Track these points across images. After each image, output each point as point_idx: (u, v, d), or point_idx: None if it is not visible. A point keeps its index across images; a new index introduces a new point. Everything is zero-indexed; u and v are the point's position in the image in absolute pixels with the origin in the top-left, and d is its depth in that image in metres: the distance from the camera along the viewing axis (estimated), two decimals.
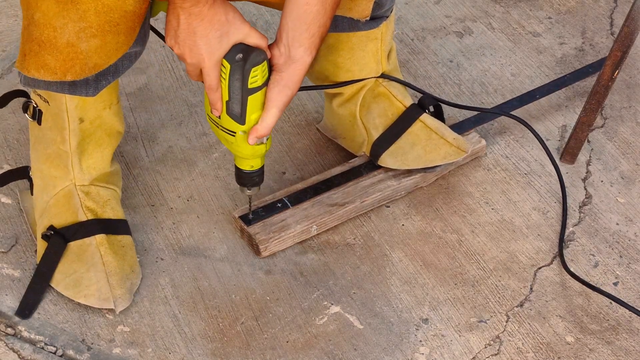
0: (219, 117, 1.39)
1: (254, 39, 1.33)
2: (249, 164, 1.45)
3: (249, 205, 1.55)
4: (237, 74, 1.33)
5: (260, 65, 1.33)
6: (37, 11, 1.30)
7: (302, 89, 1.61)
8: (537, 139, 1.65)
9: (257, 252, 1.54)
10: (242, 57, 1.32)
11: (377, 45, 1.59)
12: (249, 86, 1.34)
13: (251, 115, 1.37)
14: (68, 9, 1.28)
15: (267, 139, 1.42)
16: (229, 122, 1.38)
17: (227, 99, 1.35)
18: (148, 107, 1.79)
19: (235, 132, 1.39)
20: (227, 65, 1.32)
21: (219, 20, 1.29)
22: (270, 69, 1.36)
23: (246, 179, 1.47)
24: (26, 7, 1.33)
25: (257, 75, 1.33)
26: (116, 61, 1.38)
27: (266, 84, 1.36)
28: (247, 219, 1.56)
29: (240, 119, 1.37)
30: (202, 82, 1.36)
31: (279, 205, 1.58)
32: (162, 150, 1.71)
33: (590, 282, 1.53)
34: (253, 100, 1.35)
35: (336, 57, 1.60)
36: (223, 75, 1.34)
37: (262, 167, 1.47)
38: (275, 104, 1.37)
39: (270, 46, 1.37)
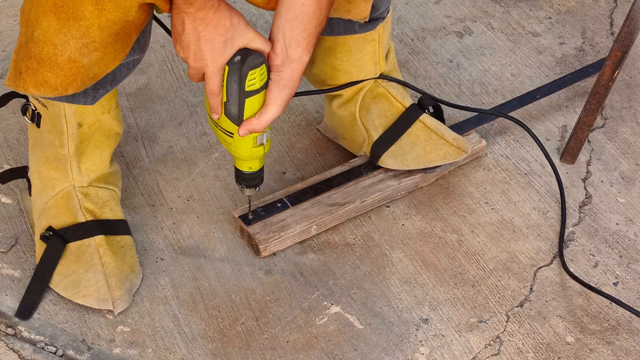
0: (218, 117, 1.39)
1: (257, 43, 1.32)
2: (247, 165, 1.45)
3: (249, 205, 1.55)
4: (234, 76, 1.32)
5: (258, 69, 1.32)
6: (37, 28, 1.28)
7: (302, 93, 1.61)
8: (535, 140, 1.65)
9: (256, 251, 1.55)
10: (240, 59, 1.31)
11: (375, 46, 1.59)
12: (246, 89, 1.33)
13: (249, 117, 1.37)
14: (70, 25, 1.26)
15: (266, 140, 1.42)
16: (227, 123, 1.38)
17: (225, 100, 1.35)
18: (148, 107, 1.79)
19: (233, 133, 1.39)
20: (225, 67, 1.32)
21: (224, 25, 1.28)
22: (269, 70, 1.36)
23: (245, 180, 1.47)
24: (25, 25, 1.31)
25: (254, 79, 1.33)
26: (114, 70, 1.37)
27: (265, 87, 1.35)
28: (247, 219, 1.56)
29: (238, 120, 1.37)
30: (203, 81, 1.37)
31: (279, 205, 1.58)
32: (162, 150, 1.71)
33: (591, 282, 1.53)
34: (250, 103, 1.35)
35: (334, 60, 1.60)
36: (222, 77, 1.34)
37: (261, 169, 1.47)
38: (274, 102, 1.36)
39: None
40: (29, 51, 1.31)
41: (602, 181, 1.69)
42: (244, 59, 1.31)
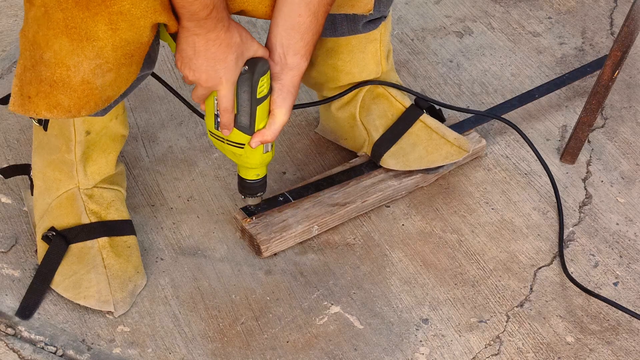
0: (230, 132, 1.40)
1: (260, 52, 1.34)
2: (255, 173, 1.47)
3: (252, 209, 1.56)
4: (245, 86, 1.34)
5: (266, 75, 1.34)
6: (48, 50, 1.26)
7: (309, 104, 1.61)
8: (527, 142, 1.65)
9: (258, 252, 1.54)
10: (247, 68, 1.33)
11: (376, 46, 1.59)
12: (258, 96, 1.35)
13: (259, 125, 1.38)
14: (83, 46, 1.24)
15: (272, 146, 1.43)
16: (237, 135, 1.39)
17: (235, 112, 1.36)
18: (148, 107, 1.79)
19: (244, 144, 1.40)
20: None
21: (235, 43, 1.29)
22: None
23: (251, 188, 1.49)
24: (31, 48, 1.28)
25: (263, 85, 1.35)
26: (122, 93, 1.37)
27: (270, 92, 1.37)
28: (250, 211, 1.56)
29: (249, 129, 1.38)
30: (203, 102, 1.38)
31: (281, 199, 1.58)
32: (162, 150, 1.71)
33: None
34: (261, 110, 1.37)
35: (336, 61, 1.59)
36: None
37: (265, 176, 1.49)
38: (281, 110, 1.38)
39: None
40: (39, 74, 1.28)
41: (602, 181, 1.69)
42: (253, 68, 1.33)
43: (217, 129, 1.39)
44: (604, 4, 2.03)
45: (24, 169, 1.57)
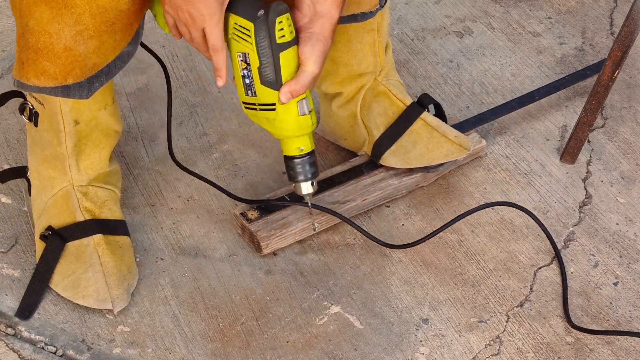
0: (224, 82, 1.33)
1: None
2: (297, 146, 1.37)
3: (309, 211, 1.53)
4: (262, 32, 1.28)
5: (284, 16, 1.28)
6: (31, 18, 1.29)
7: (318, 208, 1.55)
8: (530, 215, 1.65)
9: (258, 249, 1.54)
10: (263, 12, 1.27)
11: (374, 36, 1.59)
12: (278, 41, 1.28)
13: (286, 77, 1.31)
14: (62, 14, 1.28)
15: (308, 110, 1.35)
16: (265, 94, 1.32)
17: (258, 64, 1.30)
18: (148, 107, 1.79)
19: (275, 104, 1.33)
20: (251, 25, 1.28)
21: None
22: (296, 26, 1.32)
23: (298, 168, 1.39)
24: (19, 15, 1.31)
25: (283, 28, 1.28)
26: (109, 62, 1.38)
27: (295, 41, 1.30)
28: (247, 218, 1.55)
29: (277, 83, 1.31)
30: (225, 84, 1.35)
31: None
32: (162, 150, 1.71)
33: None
34: (285, 59, 1.30)
35: (333, 52, 1.59)
36: (249, 39, 1.28)
37: (313, 151, 1.38)
38: (309, 59, 1.32)
39: (291, 12, 1.33)
40: (27, 42, 1.32)
41: (602, 181, 1.69)
42: (267, 9, 1.27)
43: (248, 95, 1.33)
44: (604, 4, 2.03)
45: (20, 172, 1.57)
